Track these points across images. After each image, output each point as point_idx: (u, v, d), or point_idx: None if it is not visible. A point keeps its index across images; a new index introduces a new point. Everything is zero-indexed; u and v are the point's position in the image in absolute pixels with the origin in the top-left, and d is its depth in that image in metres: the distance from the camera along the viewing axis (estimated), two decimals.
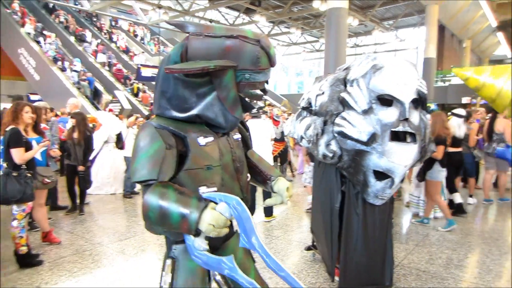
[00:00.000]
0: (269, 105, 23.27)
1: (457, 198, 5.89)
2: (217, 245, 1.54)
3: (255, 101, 1.50)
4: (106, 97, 15.98)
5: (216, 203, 1.23)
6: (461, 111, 6.02)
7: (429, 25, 18.11)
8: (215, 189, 1.44)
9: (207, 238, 1.30)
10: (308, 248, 4.01)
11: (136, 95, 17.87)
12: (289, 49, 33.72)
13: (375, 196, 2.77)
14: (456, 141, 5.58)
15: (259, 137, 4.98)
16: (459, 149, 5.76)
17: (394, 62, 2.73)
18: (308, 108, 3.24)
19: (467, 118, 6.51)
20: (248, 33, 1.41)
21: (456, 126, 5.71)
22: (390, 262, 3.10)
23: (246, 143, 1.81)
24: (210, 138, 1.47)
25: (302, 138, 3.11)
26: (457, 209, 5.77)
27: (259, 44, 1.39)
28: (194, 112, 1.42)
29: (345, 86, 2.82)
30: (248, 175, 1.72)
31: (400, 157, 2.58)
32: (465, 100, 20.68)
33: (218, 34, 1.38)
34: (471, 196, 6.70)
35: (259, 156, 1.87)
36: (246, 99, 1.48)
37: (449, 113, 6.41)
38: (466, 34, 26.04)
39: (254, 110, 5.38)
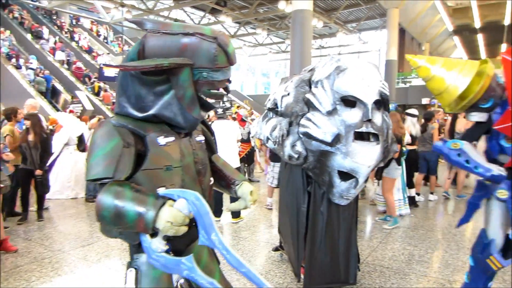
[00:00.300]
0: (238, 107, 23.30)
1: (412, 192, 6.27)
2: (181, 248, 1.49)
3: (220, 101, 1.45)
4: (64, 96, 15.38)
5: (175, 200, 1.19)
6: (414, 111, 6.36)
7: (390, 28, 18.68)
8: None
9: (170, 241, 1.25)
10: (276, 249, 4.02)
11: (97, 94, 17.33)
12: (256, 50, 33.83)
13: (340, 196, 2.80)
14: (411, 139, 5.94)
15: (225, 138, 4.96)
16: (414, 147, 6.15)
17: (357, 64, 2.77)
18: (274, 109, 3.24)
19: (429, 118, 6.81)
20: (206, 30, 1.38)
21: (411, 125, 6.04)
22: (354, 260, 3.15)
23: (210, 147, 1.77)
24: (171, 138, 1.43)
25: (268, 139, 3.11)
26: (410, 202, 6.09)
27: (216, 41, 1.36)
28: (151, 111, 1.38)
29: (310, 87, 2.84)
30: (211, 179, 1.68)
31: (363, 158, 2.62)
32: (425, 101, 21.55)
33: (176, 31, 1.35)
34: (431, 193, 6.97)
35: (224, 160, 1.83)
36: (207, 98, 1.45)
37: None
38: (425, 37, 27.12)
39: (220, 111, 5.34)
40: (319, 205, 2.94)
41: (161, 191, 1.26)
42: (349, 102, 2.66)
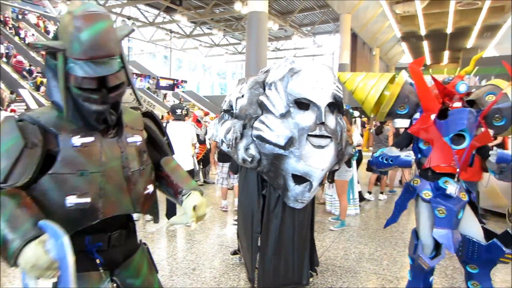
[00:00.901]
0: (192, 106, 23.02)
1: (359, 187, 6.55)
2: (118, 261, 1.37)
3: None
4: (4, 92, 14.39)
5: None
6: (356, 113, 6.73)
7: (343, 33, 19.30)
8: (88, 200, 1.21)
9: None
10: (234, 252, 3.96)
11: (38, 88, 16.39)
12: (212, 50, 33.62)
13: (295, 199, 2.79)
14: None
15: (180, 140, 4.86)
16: (359, 148, 6.44)
17: (311, 66, 2.77)
18: (229, 111, 3.18)
19: (384, 121, 7.10)
20: (80, 8, 1.15)
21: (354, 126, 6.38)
22: (308, 262, 3.14)
23: (160, 148, 1.62)
24: (90, 139, 1.25)
25: (222, 142, 3.06)
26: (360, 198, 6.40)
27: (73, 23, 1.12)
28: (52, 98, 1.25)
29: (264, 89, 2.81)
30: (150, 187, 1.48)
31: (317, 161, 2.62)
32: None
33: (74, 11, 1.17)
34: (381, 193, 7.25)
35: (176, 164, 1.64)
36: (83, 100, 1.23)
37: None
38: (375, 42, 28.22)
39: (179, 112, 5.19)
40: (274, 208, 2.91)
41: (71, 202, 1.14)
42: (303, 104, 2.65)
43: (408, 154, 2.46)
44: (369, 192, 7.16)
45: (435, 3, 21.21)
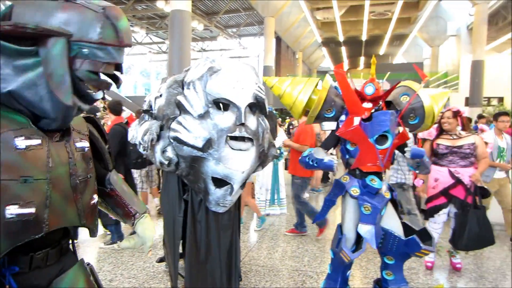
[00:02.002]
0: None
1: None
2: (42, 284, 1.19)
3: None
4: None
5: None
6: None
7: (267, 36, 19.70)
8: (33, 210, 1.06)
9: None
10: (160, 260, 3.77)
11: None
12: (134, 49, 32.34)
13: (217, 203, 2.69)
14: None
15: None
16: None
17: (231, 65, 2.69)
18: (149, 112, 2.99)
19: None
20: (94, 1, 1.13)
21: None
22: (237, 266, 3.08)
23: (102, 160, 1.46)
24: (36, 141, 1.10)
25: (140, 144, 2.88)
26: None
27: (104, 12, 1.10)
28: (7, 87, 1.04)
29: (183, 88, 2.68)
30: (95, 197, 1.35)
31: (237, 163, 2.54)
32: None
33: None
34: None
35: (122, 181, 1.54)
36: (87, 84, 1.15)
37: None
38: (298, 46, 29.32)
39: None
40: (197, 213, 2.79)
41: (11, 214, 0.99)
42: (223, 105, 2.58)
43: (331, 159, 2.55)
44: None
45: (352, 11, 22.63)
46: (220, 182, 2.62)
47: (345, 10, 22.44)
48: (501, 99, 23.44)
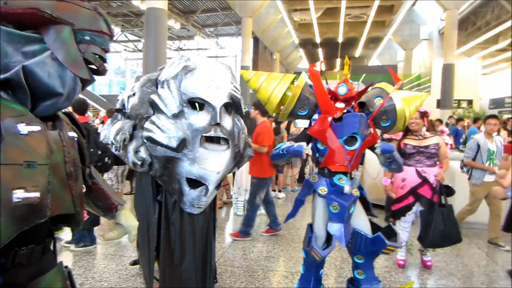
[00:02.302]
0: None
1: None
2: (22, 283, 1.17)
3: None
4: None
5: None
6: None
7: (245, 36, 19.72)
8: (38, 194, 1.07)
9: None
10: (134, 263, 3.68)
11: None
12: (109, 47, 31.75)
13: (191, 205, 2.64)
14: None
15: None
16: None
17: (207, 64, 2.66)
18: (122, 111, 2.89)
19: (281, 122, 7.42)
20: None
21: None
22: (213, 268, 3.04)
23: (82, 153, 1.44)
24: (36, 127, 1.12)
25: (112, 144, 2.73)
26: None
27: (96, 10, 1.28)
28: (18, 67, 1.10)
29: (157, 87, 2.62)
30: (84, 187, 1.39)
31: (212, 164, 2.51)
32: None
33: None
34: (280, 191, 7.56)
35: (101, 177, 1.56)
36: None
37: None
38: (276, 47, 29.45)
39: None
40: (171, 215, 2.73)
41: (18, 198, 1.02)
42: (197, 104, 2.54)
43: (300, 145, 2.56)
44: (274, 190, 7.43)
45: (328, 13, 22.91)
46: (195, 183, 2.58)
47: (321, 12, 22.70)
48: (470, 102, 24.29)
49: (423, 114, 3.85)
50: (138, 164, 2.53)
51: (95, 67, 1.31)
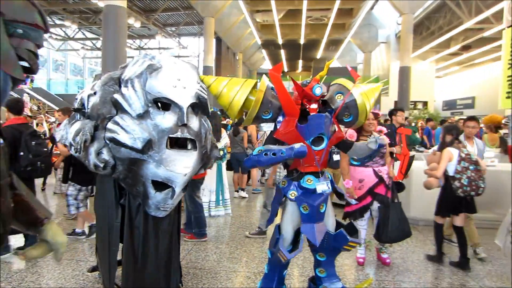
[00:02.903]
0: (43, 105, 20.37)
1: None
2: None
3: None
4: None
5: None
6: None
7: (207, 36, 19.57)
8: None
9: None
10: (93, 269, 3.51)
11: None
12: (66, 44, 30.49)
13: (157, 208, 2.56)
14: None
15: None
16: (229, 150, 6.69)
17: (172, 63, 2.59)
18: (81, 110, 2.77)
19: (239, 123, 7.38)
20: None
21: None
22: (176, 273, 2.96)
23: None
24: None
25: (71, 145, 2.60)
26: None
27: (31, 1, 1.18)
28: None
29: (120, 86, 2.52)
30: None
31: (179, 165, 2.44)
32: None
33: None
34: (243, 190, 7.60)
35: (24, 185, 1.38)
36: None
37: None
38: (239, 47, 29.48)
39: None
40: (134, 219, 2.63)
41: None
42: (163, 104, 2.47)
43: (303, 144, 2.42)
44: (236, 191, 7.53)
45: (290, 15, 23.20)
46: (160, 186, 2.50)
47: (283, 13, 22.95)
48: (425, 103, 25.43)
49: (376, 115, 4.01)
50: (100, 166, 2.42)
51: (28, 65, 1.17)
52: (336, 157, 2.82)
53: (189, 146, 2.56)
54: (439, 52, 24.51)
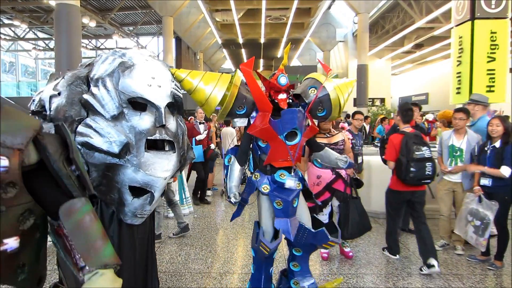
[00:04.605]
0: None
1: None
2: None
3: None
4: None
5: None
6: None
7: (166, 36, 19.21)
8: None
9: None
10: (55, 286, 3.30)
11: None
12: (16, 45, 28.96)
13: (134, 215, 2.39)
14: None
15: None
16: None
17: (144, 60, 2.43)
18: (41, 113, 2.51)
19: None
20: None
21: None
22: (154, 282, 2.79)
23: (59, 183, 1.15)
24: None
25: None
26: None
27: None
28: None
29: (88, 86, 2.33)
30: (11, 241, 0.97)
31: (159, 169, 2.30)
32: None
33: None
34: (209, 189, 7.60)
35: (84, 215, 1.16)
36: None
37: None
38: (199, 47, 29.16)
39: None
40: (108, 228, 2.44)
41: None
42: (138, 105, 2.30)
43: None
44: (209, 189, 7.73)
45: (249, 14, 23.27)
46: (137, 191, 2.35)
47: (243, 13, 22.98)
48: (383, 100, 26.33)
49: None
50: None
51: None
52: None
53: (167, 148, 2.43)
54: (394, 51, 25.41)
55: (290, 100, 2.71)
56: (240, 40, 28.05)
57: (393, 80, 29.57)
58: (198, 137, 6.84)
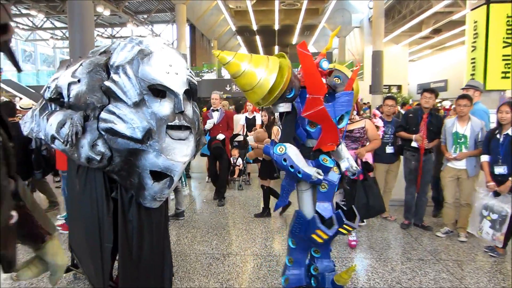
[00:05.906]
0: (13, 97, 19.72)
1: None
2: None
3: None
4: None
5: None
6: None
7: (179, 23, 19.27)
8: None
9: None
10: (68, 270, 3.30)
11: None
12: (35, 34, 29.50)
13: (153, 198, 2.46)
14: None
15: None
16: None
17: (163, 48, 2.45)
18: (58, 100, 2.53)
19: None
20: None
21: None
22: (169, 265, 2.90)
23: (8, 164, 1.14)
24: None
25: (55, 138, 2.40)
26: None
27: None
28: None
29: (108, 73, 2.38)
30: (15, 214, 1.06)
31: (179, 154, 2.37)
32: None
33: None
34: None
35: (32, 195, 1.19)
36: None
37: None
38: (213, 35, 29.15)
39: None
40: (127, 212, 2.52)
41: None
42: (158, 91, 2.36)
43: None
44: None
45: (263, 0, 23.05)
46: (156, 175, 2.41)
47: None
48: (399, 87, 25.88)
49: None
50: (96, 159, 2.28)
51: None
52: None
53: (185, 134, 2.47)
54: (411, 36, 24.91)
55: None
56: (254, 27, 27.87)
57: (410, 66, 29.03)
58: (207, 126, 6.09)
